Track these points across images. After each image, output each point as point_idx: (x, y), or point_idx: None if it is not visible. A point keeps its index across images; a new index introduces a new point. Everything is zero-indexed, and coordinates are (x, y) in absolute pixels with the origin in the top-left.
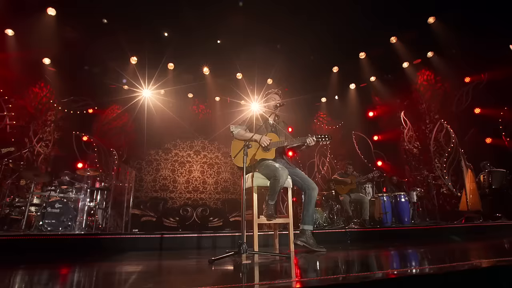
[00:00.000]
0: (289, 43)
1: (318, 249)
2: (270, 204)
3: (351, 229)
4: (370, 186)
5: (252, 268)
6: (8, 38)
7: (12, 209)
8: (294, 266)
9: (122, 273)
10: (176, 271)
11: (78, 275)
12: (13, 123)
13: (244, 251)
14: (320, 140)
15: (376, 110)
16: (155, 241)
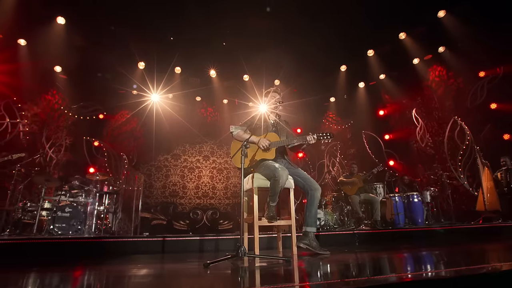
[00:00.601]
0: (296, 43)
1: (321, 251)
2: (271, 205)
3: (359, 231)
4: (381, 186)
5: (247, 272)
6: (21, 48)
7: (25, 213)
8: (292, 270)
9: (110, 276)
10: (168, 275)
11: (65, 278)
12: (26, 130)
13: (242, 255)
14: (321, 138)
15: (386, 109)
16: (157, 244)
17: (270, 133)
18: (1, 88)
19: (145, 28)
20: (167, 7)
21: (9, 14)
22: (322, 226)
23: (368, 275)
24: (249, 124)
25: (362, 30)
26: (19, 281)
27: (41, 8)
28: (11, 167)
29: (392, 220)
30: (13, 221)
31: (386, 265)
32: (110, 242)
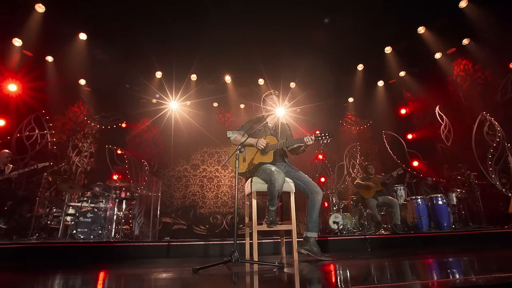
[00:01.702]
0: (312, 44)
1: (322, 257)
2: (271, 210)
3: (371, 236)
4: (402, 188)
5: (235, 278)
6: (48, 64)
7: (51, 219)
8: (283, 277)
9: (90, 281)
10: (154, 280)
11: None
12: (53, 140)
13: (235, 260)
14: (320, 139)
15: (408, 107)
16: (162, 248)
17: (268, 136)
18: (31, 102)
19: (163, 38)
20: (186, 15)
21: (37, 33)
22: (341, 230)
23: (358, 284)
24: (247, 128)
25: (377, 27)
26: (46, 282)
27: (64, 26)
28: (39, 176)
29: (414, 224)
30: (41, 226)
31: (386, 273)
32: (117, 247)
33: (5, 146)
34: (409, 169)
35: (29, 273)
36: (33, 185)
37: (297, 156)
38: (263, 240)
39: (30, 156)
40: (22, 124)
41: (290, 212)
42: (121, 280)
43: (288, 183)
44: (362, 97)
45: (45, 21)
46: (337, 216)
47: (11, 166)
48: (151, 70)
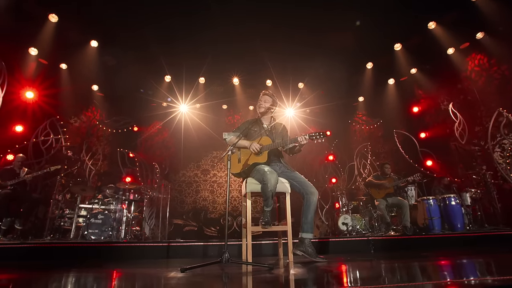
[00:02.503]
0: (320, 44)
1: (317, 259)
2: (266, 210)
3: (375, 237)
4: (413, 188)
5: (222, 278)
6: (62, 71)
7: (64, 220)
8: (268, 278)
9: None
10: (139, 279)
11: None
12: (67, 145)
13: (226, 261)
14: (314, 138)
15: (420, 105)
16: (162, 249)
17: (263, 137)
18: (47, 108)
19: (172, 42)
20: (195, 19)
21: (51, 42)
22: (350, 231)
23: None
24: (243, 129)
25: (386, 23)
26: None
27: (76, 34)
28: (53, 178)
29: (425, 225)
30: (55, 227)
31: (375, 275)
32: (119, 247)
33: (22, 151)
34: (422, 169)
35: (32, 271)
36: (48, 188)
37: (306, 157)
38: (262, 241)
39: (46, 160)
40: (38, 129)
41: (287, 213)
42: (107, 280)
43: (284, 184)
44: (372, 96)
45: (58, 30)
46: (346, 217)
47: (26, 169)
48: (161, 74)
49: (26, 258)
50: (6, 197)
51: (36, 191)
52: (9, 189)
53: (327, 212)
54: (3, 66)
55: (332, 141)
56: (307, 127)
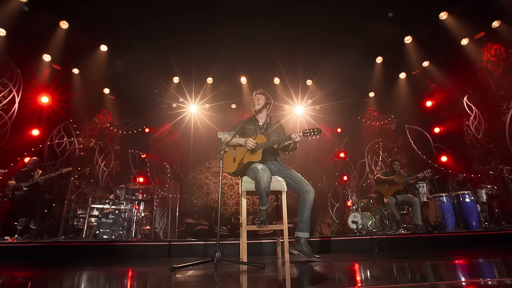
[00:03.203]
0: (328, 41)
1: (313, 258)
2: (262, 209)
3: (379, 236)
4: (425, 185)
5: (210, 277)
6: (75, 76)
7: (77, 220)
8: (256, 278)
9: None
10: (127, 277)
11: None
12: (80, 147)
13: (217, 260)
14: (308, 135)
15: (434, 99)
16: (163, 248)
17: (258, 135)
18: (60, 112)
19: (182, 43)
20: (203, 20)
21: (63, 48)
22: (360, 230)
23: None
24: (238, 128)
25: (394, 16)
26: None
27: (86, 39)
28: (66, 180)
29: (438, 224)
30: (68, 227)
31: (366, 275)
32: (121, 246)
33: (38, 153)
34: (436, 165)
35: (37, 268)
36: (62, 189)
37: (316, 155)
38: (263, 240)
39: (60, 162)
40: (53, 132)
41: (283, 212)
42: (98, 277)
43: (279, 182)
44: (383, 91)
45: (69, 36)
46: (356, 216)
47: (40, 171)
48: (171, 75)
49: (34, 257)
50: (21, 198)
51: (52, 192)
52: (24, 191)
53: (338, 211)
54: (18, 73)
55: (342, 138)
56: (317, 125)
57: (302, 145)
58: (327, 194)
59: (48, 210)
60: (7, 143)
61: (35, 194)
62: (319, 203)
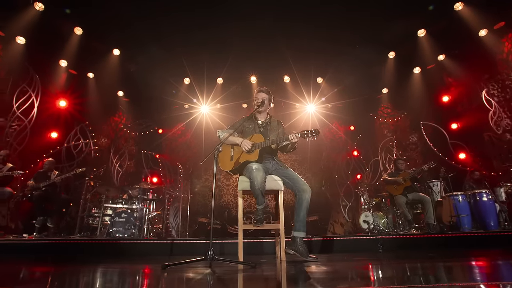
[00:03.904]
0: (337, 37)
1: (308, 258)
2: (258, 208)
3: (384, 236)
4: (439, 183)
5: (198, 276)
6: (90, 80)
7: (92, 219)
8: (244, 277)
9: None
10: (117, 274)
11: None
12: (96, 148)
13: (210, 258)
14: (306, 136)
15: (451, 93)
16: (166, 246)
17: (256, 134)
18: (77, 115)
19: (193, 44)
20: (215, 21)
21: (78, 53)
22: (371, 230)
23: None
24: (237, 126)
25: (406, 9)
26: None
27: (99, 44)
28: (81, 180)
29: (452, 223)
30: (84, 225)
31: (354, 277)
32: (125, 244)
33: (56, 155)
34: (453, 162)
35: (43, 264)
36: (78, 189)
37: (329, 153)
38: (264, 239)
39: (77, 163)
40: (70, 135)
41: (279, 211)
42: (94, 274)
43: (276, 181)
44: (397, 87)
45: (83, 41)
46: (367, 215)
47: (56, 172)
48: (182, 76)
49: (45, 253)
50: (39, 198)
51: (69, 192)
52: (42, 190)
53: (350, 210)
54: (37, 79)
55: (356, 136)
56: (329, 123)
57: (314, 144)
58: (339, 193)
59: (66, 209)
60: (27, 145)
61: (52, 193)
62: (331, 202)
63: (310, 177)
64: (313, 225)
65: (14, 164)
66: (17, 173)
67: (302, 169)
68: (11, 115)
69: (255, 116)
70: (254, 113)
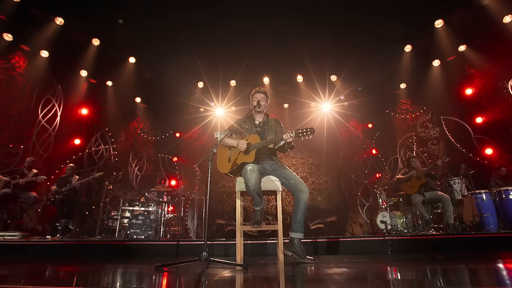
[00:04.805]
0: (351, 34)
1: (304, 260)
2: (256, 209)
3: (392, 237)
4: (461, 181)
5: (186, 276)
6: (109, 88)
7: (112, 221)
8: (233, 278)
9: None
10: (108, 273)
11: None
12: (115, 153)
13: (204, 259)
14: (301, 135)
15: (474, 86)
16: (172, 247)
17: (252, 135)
18: (97, 122)
19: (208, 47)
20: (228, 21)
21: (96, 63)
22: (389, 231)
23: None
24: (235, 128)
25: (420, 1)
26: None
27: (116, 53)
28: (101, 184)
29: (475, 223)
30: (104, 227)
31: (349, 279)
32: (135, 245)
33: (79, 160)
34: (478, 158)
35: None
36: (99, 193)
37: (346, 152)
38: (268, 241)
39: (98, 167)
40: (91, 141)
41: (278, 212)
42: (87, 273)
43: (273, 182)
44: (415, 82)
45: (101, 52)
46: (384, 215)
47: (77, 177)
48: (198, 80)
49: (61, 253)
50: (61, 202)
51: (91, 196)
52: (64, 194)
53: (369, 210)
54: (60, 89)
55: (373, 134)
56: (345, 122)
57: (331, 143)
58: (357, 192)
59: (88, 212)
60: (52, 152)
61: (73, 197)
62: (349, 202)
63: (328, 181)
64: (331, 226)
65: (40, 170)
66: (41, 178)
67: (320, 172)
68: (37, 125)
69: (253, 116)
70: (251, 113)
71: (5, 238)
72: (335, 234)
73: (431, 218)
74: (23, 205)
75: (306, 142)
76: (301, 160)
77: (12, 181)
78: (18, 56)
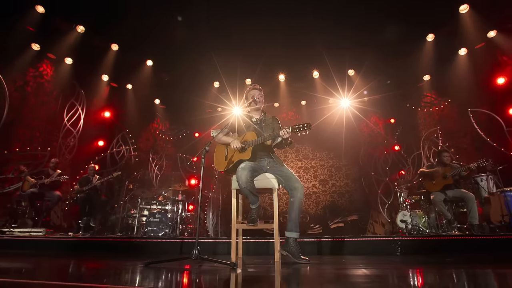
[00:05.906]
0: (371, 26)
1: (299, 260)
2: (252, 208)
3: (402, 237)
4: (487, 177)
5: (174, 274)
6: (129, 91)
7: (132, 219)
8: (222, 276)
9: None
10: (101, 268)
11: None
12: (135, 154)
13: (195, 257)
14: (298, 131)
15: (507, 74)
16: (176, 245)
17: (248, 132)
18: (118, 123)
19: (225, 45)
20: (245, 24)
21: (116, 67)
22: (409, 230)
23: None
24: (231, 125)
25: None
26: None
27: (134, 57)
28: (122, 183)
29: (504, 224)
30: (124, 225)
31: (329, 281)
32: (140, 242)
33: (102, 161)
34: (511, 153)
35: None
36: (119, 191)
37: (366, 149)
38: (270, 240)
39: (119, 167)
40: (113, 142)
41: (274, 211)
42: (79, 268)
43: (269, 180)
44: (440, 73)
45: (120, 56)
46: (405, 214)
47: (97, 176)
48: (215, 79)
49: (81, 248)
50: (83, 200)
51: (112, 195)
52: (85, 194)
53: (389, 209)
54: (82, 94)
55: (396, 130)
56: (364, 118)
57: (351, 139)
58: (377, 190)
59: (111, 210)
60: (76, 153)
61: (93, 196)
62: (370, 201)
63: (349, 183)
64: (352, 225)
65: (65, 171)
66: (64, 178)
67: (340, 174)
68: (62, 128)
69: (250, 114)
70: (249, 111)
71: (31, 234)
72: (356, 233)
73: (454, 217)
74: (48, 204)
75: (326, 141)
76: (321, 162)
77: (38, 181)
78: (45, 64)
